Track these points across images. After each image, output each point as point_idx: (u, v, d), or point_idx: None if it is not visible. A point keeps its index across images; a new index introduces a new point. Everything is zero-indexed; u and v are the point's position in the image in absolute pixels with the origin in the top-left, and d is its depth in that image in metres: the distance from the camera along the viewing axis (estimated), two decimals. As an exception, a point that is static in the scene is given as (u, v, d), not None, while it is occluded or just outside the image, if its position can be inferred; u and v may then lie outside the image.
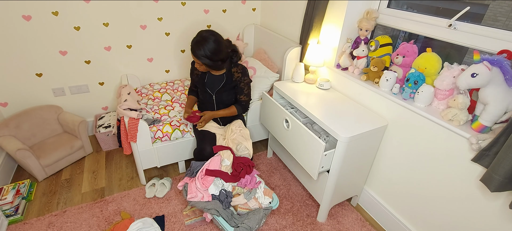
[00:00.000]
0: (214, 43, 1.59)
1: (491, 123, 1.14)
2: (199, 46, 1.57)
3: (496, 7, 1.32)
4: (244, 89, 1.83)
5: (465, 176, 1.27)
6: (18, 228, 1.66)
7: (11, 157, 2.09)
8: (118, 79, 2.46)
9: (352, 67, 1.79)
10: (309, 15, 1.89)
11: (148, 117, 1.96)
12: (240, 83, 1.80)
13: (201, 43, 1.57)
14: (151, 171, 2.16)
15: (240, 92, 1.83)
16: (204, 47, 1.57)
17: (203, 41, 1.57)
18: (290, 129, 1.67)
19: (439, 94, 1.36)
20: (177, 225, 1.72)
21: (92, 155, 2.32)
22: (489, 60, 1.07)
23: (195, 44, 1.58)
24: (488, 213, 1.22)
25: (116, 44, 2.30)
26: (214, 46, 1.59)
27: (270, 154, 2.36)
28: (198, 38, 1.59)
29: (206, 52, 1.58)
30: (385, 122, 1.56)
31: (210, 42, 1.58)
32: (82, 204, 1.84)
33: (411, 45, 1.50)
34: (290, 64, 2.07)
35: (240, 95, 1.84)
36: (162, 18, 2.37)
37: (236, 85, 1.81)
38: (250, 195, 1.64)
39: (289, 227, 1.75)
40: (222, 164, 1.71)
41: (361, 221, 1.81)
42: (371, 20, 1.67)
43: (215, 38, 1.60)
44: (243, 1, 2.64)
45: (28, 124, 2.06)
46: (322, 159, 1.45)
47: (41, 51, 2.07)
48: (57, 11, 1.98)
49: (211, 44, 1.58)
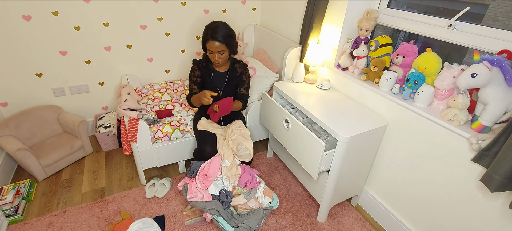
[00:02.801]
0: (225, 25, 1.66)
1: (491, 123, 1.14)
2: (216, 30, 1.60)
3: (496, 7, 1.32)
4: (245, 82, 1.86)
5: (465, 176, 1.27)
6: (18, 228, 1.66)
7: (11, 157, 2.09)
8: (118, 79, 2.46)
9: (352, 67, 1.79)
10: (309, 15, 1.89)
11: (148, 117, 1.96)
12: (242, 76, 1.83)
13: (217, 26, 1.61)
14: (151, 171, 2.16)
15: (241, 85, 1.86)
16: (221, 29, 1.61)
17: (217, 26, 1.62)
18: (290, 129, 1.67)
19: (439, 94, 1.36)
20: (177, 225, 1.72)
21: (92, 155, 2.32)
22: (489, 60, 1.07)
23: (213, 30, 1.60)
24: (488, 213, 1.22)
25: (116, 44, 2.30)
26: (228, 27, 1.66)
27: (270, 154, 2.36)
28: (211, 25, 1.63)
29: (226, 32, 1.62)
30: (385, 122, 1.56)
31: (223, 25, 1.64)
32: (82, 204, 1.84)
33: (411, 45, 1.50)
34: (290, 64, 2.07)
35: (240, 88, 1.86)
36: (162, 18, 2.37)
37: (239, 79, 1.84)
38: (250, 195, 1.64)
39: (289, 227, 1.75)
40: (222, 164, 1.71)
41: (361, 221, 1.81)
42: (371, 20, 1.67)
43: (223, 22, 1.67)
44: (243, 1, 2.64)
45: (28, 124, 2.06)
46: (322, 159, 1.45)
47: (41, 51, 2.07)
48: (57, 11, 1.98)
49: (225, 26, 1.65)
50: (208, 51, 1.65)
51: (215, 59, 1.66)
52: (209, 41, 1.61)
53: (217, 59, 1.66)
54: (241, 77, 1.83)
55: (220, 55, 1.65)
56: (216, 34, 1.59)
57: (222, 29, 1.62)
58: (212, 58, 1.67)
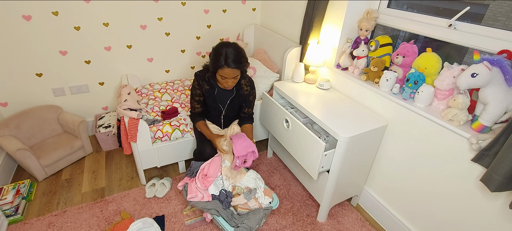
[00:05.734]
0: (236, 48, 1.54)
1: (491, 123, 1.14)
2: (231, 56, 1.49)
3: (496, 7, 1.32)
4: (252, 102, 1.82)
5: (465, 176, 1.27)
6: (18, 228, 1.66)
7: (11, 157, 2.09)
8: (118, 79, 2.46)
9: (352, 67, 1.79)
10: (309, 15, 1.89)
11: (148, 117, 1.96)
12: (249, 97, 1.78)
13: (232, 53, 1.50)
14: (151, 171, 2.16)
15: (249, 105, 1.81)
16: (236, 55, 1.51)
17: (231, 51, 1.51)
18: (290, 129, 1.67)
19: (439, 94, 1.36)
20: (177, 225, 1.72)
21: (92, 155, 2.32)
22: (489, 60, 1.07)
23: (227, 57, 1.49)
24: (488, 213, 1.22)
25: (116, 44, 2.30)
26: (238, 49, 1.55)
27: (270, 154, 2.36)
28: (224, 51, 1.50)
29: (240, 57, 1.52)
30: (385, 122, 1.56)
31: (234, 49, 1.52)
32: (82, 204, 1.84)
33: (411, 45, 1.50)
34: (290, 64, 2.07)
35: (248, 108, 1.82)
36: (162, 18, 2.37)
37: (246, 99, 1.78)
38: (250, 195, 1.64)
39: (289, 227, 1.75)
40: (222, 164, 1.71)
41: (361, 221, 1.81)
42: (371, 20, 1.67)
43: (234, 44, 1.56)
44: (243, 1, 2.64)
45: (28, 124, 2.06)
46: (322, 159, 1.45)
47: (41, 51, 2.07)
48: (57, 11, 1.98)
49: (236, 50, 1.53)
50: (221, 77, 1.55)
51: (228, 84, 1.58)
52: (224, 68, 1.50)
53: (231, 84, 1.58)
54: (248, 98, 1.77)
55: (234, 81, 1.58)
56: (232, 61, 1.49)
57: (237, 54, 1.51)
58: (224, 83, 1.58)
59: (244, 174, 1.74)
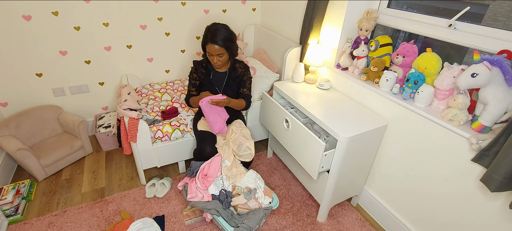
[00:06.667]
0: (225, 28, 1.64)
1: (491, 123, 1.14)
2: (216, 33, 1.59)
3: (496, 7, 1.32)
4: (247, 82, 1.85)
5: (465, 176, 1.27)
6: (18, 228, 1.66)
7: (11, 157, 2.09)
8: (118, 79, 2.46)
9: (352, 67, 1.79)
10: (309, 15, 1.89)
11: (148, 117, 1.96)
12: (243, 77, 1.83)
13: (217, 29, 1.60)
14: (151, 171, 2.16)
15: (243, 85, 1.85)
16: (221, 32, 1.61)
17: (218, 28, 1.61)
18: (290, 129, 1.67)
19: (439, 94, 1.36)
20: (177, 225, 1.72)
21: (92, 155, 2.32)
22: (489, 60, 1.07)
23: (212, 33, 1.59)
24: (488, 213, 1.22)
25: (116, 44, 2.30)
26: (228, 30, 1.65)
27: (270, 154, 2.36)
28: (212, 28, 1.62)
29: (225, 35, 1.61)
30: (385, 122, 1.56)
31: (223, 28, 1.63)
32: (82, 204, 1.84)
33: (411, 45, 1.50)
34: (290, 64, 2.07)
35: (243, 88, 1.86)
36: (162, 18, 2.36)
37: (241, 80, 1.84)
38: (250, 195, 1.64)
39: (289, 227, 1.75)
40: (223, 164, 1.71)
41: (361, 221, 1.81)
42: (371, 20, 1.67)
43: (224, 24, 1.66)
44: (243, 1, 2.64)
45: (28, 124, 2.06)
46: (322, 159, 1.45)
47: (41, 51, 2.07)
48: (57, 11, 1.98)
49: (225, 29, 1.63)
50: (208, 53, 1.66)
51: (214, 62, 1.67)
52: (208, 44, 1.61)
53: (216, 62, 1.67)
54: (243, 78, 1.83)
55: (219, 58, 1.65)
56: (215, 37, 1.59)
57: (222, 32, 1.61)
58: (211, 60, 1.68)
59: (244, 174, 1.75)
